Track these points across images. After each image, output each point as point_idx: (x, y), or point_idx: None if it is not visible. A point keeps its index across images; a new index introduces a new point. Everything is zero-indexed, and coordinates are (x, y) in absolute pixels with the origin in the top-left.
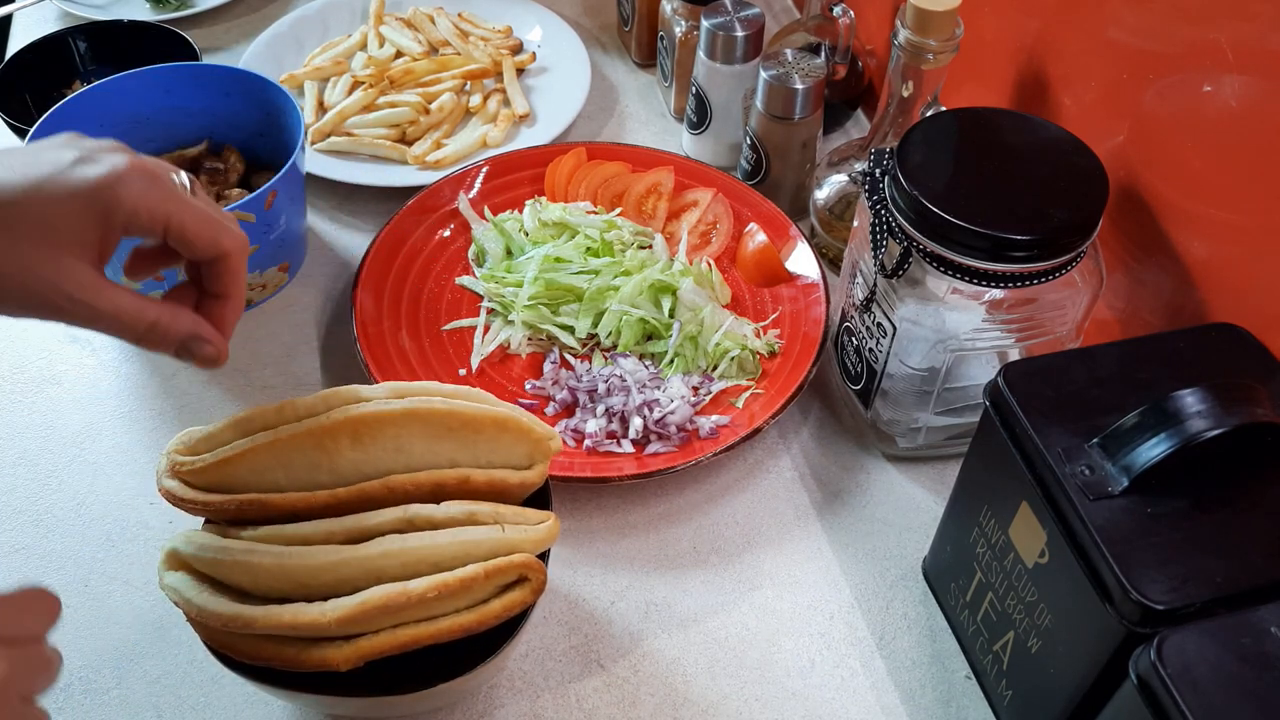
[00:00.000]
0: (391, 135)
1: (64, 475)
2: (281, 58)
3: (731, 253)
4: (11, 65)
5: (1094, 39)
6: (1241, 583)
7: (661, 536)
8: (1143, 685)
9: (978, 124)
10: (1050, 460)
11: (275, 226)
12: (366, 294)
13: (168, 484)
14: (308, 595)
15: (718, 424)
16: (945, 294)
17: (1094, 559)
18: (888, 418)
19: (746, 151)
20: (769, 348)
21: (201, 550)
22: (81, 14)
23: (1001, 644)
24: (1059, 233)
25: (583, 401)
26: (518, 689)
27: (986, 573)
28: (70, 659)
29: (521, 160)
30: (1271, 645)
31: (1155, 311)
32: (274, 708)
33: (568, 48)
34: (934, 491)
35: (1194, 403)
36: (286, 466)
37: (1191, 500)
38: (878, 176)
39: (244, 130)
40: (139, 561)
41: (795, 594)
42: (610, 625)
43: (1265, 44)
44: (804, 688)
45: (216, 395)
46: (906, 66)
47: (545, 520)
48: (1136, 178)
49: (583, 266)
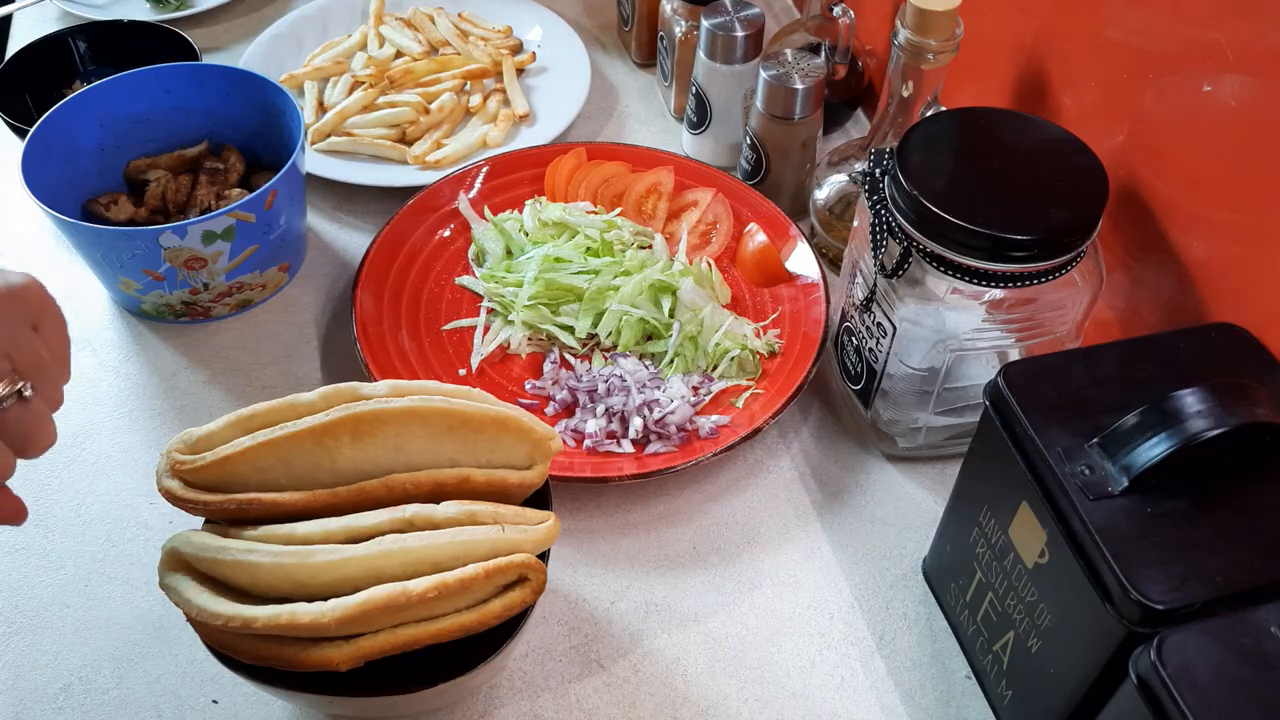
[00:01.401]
0: (391, 135)
1: (64, 475)
2: (281, 58)
3: (731, 253)
4: (11, 65)
5: (1094, 39)
6: (1241, 582)
7: (661, 536)
8: (1143, 685)
9: (978, 124)
10: (1050, 460)
11: (275, 226)
12: (366, 294)
13: (168, 483)
14: (308, 595)
15: (718, 424)
16: (945, 294)
17: (1094, 559)
18: (888, 418)
19: (746, 151)
20: (769, 348)
21: (201, 550)
22: (81, 14)
23: (1001, 644)
24: (1059, 233)
25: (583, 401)
26: (518, 689)
27: (986, 572)
28: (70, 658)
29: (521, 160)
30: (1271, 645)
31: (1155, 311)
32: (274, 707)
33: (568, 48)
34: (934, 491)
35: (1194, 403)
36: (286, 465)
37: (1191, 500)
38: (878, 176)
39: (244, 130)
40: (139, 561)
41: (795, 594)
42: (610, 625)
43: (1265, 43)
44: (804, 687)
45: (216, 395)
46: (906, 66)
47: (545, 520)
48: (1136, 178)
49: (583, 266)
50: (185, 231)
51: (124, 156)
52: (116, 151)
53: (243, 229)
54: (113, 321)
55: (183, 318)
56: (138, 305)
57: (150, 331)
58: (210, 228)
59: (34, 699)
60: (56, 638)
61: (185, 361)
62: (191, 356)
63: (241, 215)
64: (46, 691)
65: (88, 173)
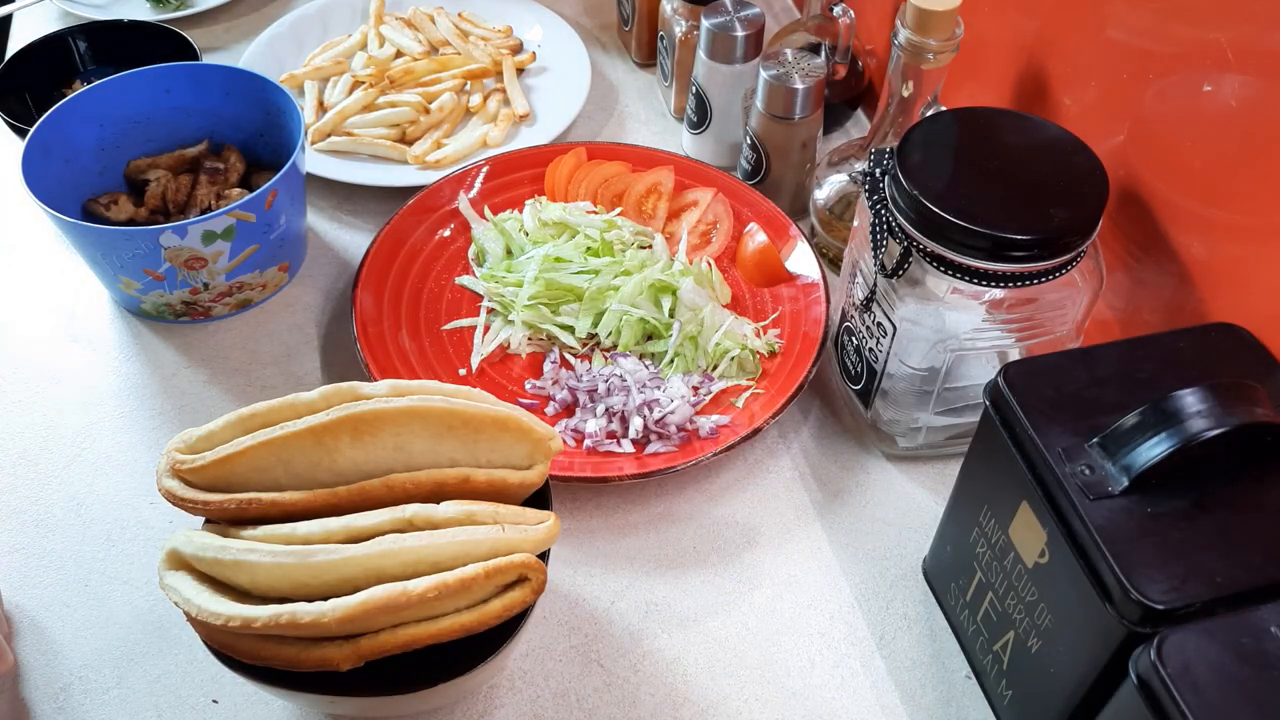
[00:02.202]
0: (391, 135)
1: (64, 475)
2: (281, 57)
3: (731, 252)
4: (11, 65)
5: (1094, 38)
6: (1242, 582)
7: (661, 536)
8: (1143, 685)
9: (978, 124)
10: (1050, 460)
11: (275, 226)
12: (367, 294)
13: (168, 483)
14: (308, 595)
15: (718, 424)
16: (945, 294)
17: (1094, 559)
18: (888, 417)
19: (746, 151)
20: (769, 347)
21: (202, 550)
22: (81, 14)
23: (1001, 644)
24: (1059, 232)
25: (583, 401)
26: (518, 688)
27: (986, 572)
28: (70, 658)
29: (521, 160)
30: (1272, 645)
31: (1155, 311)
32: (274, 707)
33: (568, 47)
34: (934, 491)
35: (1194, 402)
36: (286, 464)
37: (1191, 500)
38: (878, 176)
39: (244, 130)
40: (139, 561)
41: (795, 594)
42: (610, 625)
43: (1265, 43)
44: (804, 687)
45: (217, 395)
46: (906, 66)
47: (545, 520)
48: (1137, 177)
49: (583, 266)
50: (185, 231)
51: (124, 156)
52: (116, 151)
53: (243, 229)
54: (113, 321)
55: (183, 317)
56: (138, 305)
57: (150, 331)
58: (210, 227)
59: (34, 699)
60: (56, 637)
61: (185, 361)
62: (191, 356)
63: (242, 215)
64: (46, 691)
65: (88, 172)
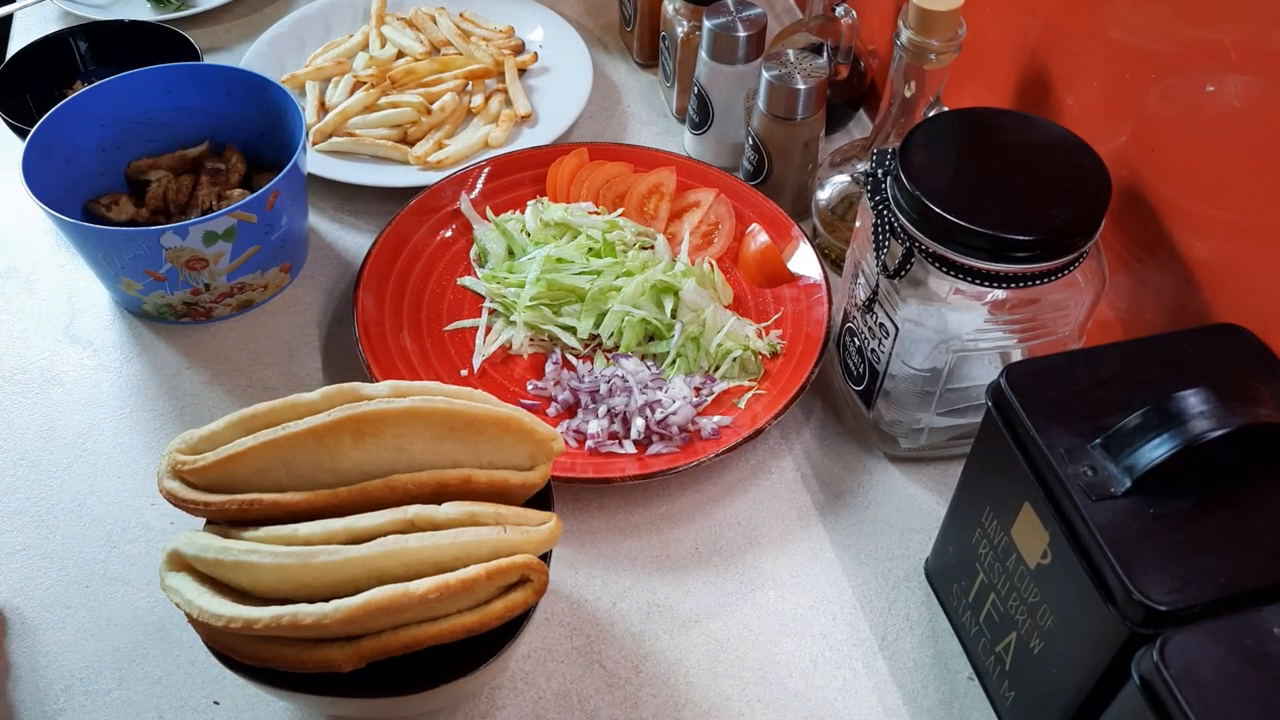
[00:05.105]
0: (393, 135)
1: (65, 476)
2: (283, 58)
3: (734, 253)
4: (11, 65)
5: (1097, 39)
6: (1244, 584)
7: (663, 537)
8: (1145, 686)
9: (980, 124)
10: (1053, 461)
11: (277, 227)
12: (368, 294)
13: (169, 484)
14: (309, 596)
15: (720, 424)
16: (948, 294)
17: (1096, 560)
18: (890, 418)
19: (749, 152)
20: (771, 348)
21: (203, 551)
22: (82, 14)
23: (1004, 645)
24: (1061, 233)
25: (585, 402)
26: (519, 690)
27: (989, 573)
28: (71, 660)
29: (523, 160)
30: (1274, 646)
31: (1158, 312)
32: (276, 708)
33: (570, 48)
34: (936, 492)
35: (1197, 403)
36: (288, 465)
37: (1194, 501)
38: (880, 177)
39: (245, 130)
40: (140, 562)
41: (797, 595)
42: (612, 626)
43: (1268, 44)
44: (806, 689)
45: (218, 396)
46: (909, 67)
47: (547, 521)
48: (1139, 178)
49: (585, 267)
50: (186, 232)
51: (125, 156)
52: (117, 151)
53: (244, 229)
54: (114, 322)
55: (184, 318)
56: (139, 306)
57: (151, 332)
58: (212, 228)
59: (35, 700)
60: (57, 639)
61: (186, 362)
62: (193, 357)
63: (243, 216)
64: (47, 693)
65: (88, 173)
